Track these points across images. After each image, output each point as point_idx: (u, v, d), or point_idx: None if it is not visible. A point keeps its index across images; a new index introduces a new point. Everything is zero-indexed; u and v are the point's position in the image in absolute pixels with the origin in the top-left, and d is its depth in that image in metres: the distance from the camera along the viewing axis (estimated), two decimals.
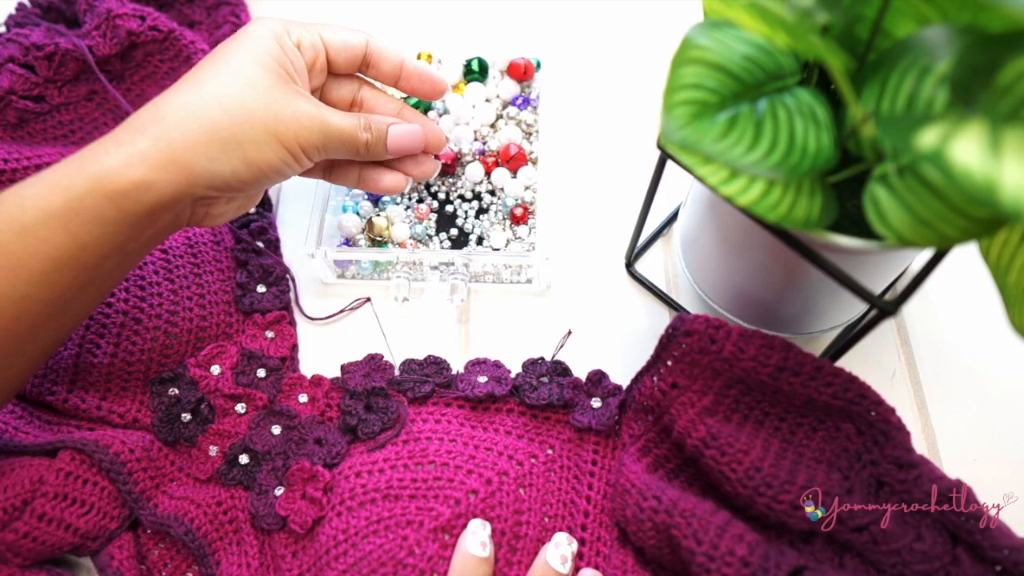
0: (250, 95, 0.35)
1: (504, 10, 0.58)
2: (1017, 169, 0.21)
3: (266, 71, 0.35)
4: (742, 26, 0.28)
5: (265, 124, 0.35)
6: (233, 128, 0.34)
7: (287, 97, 0.36)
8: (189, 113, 0.34)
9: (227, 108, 0.34)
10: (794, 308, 0.40)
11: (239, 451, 0.40)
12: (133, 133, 0.33)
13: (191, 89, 0.35)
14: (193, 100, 0.34)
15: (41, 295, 0.32)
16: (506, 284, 0.47)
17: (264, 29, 0.37)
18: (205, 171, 0.33)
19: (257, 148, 0.35)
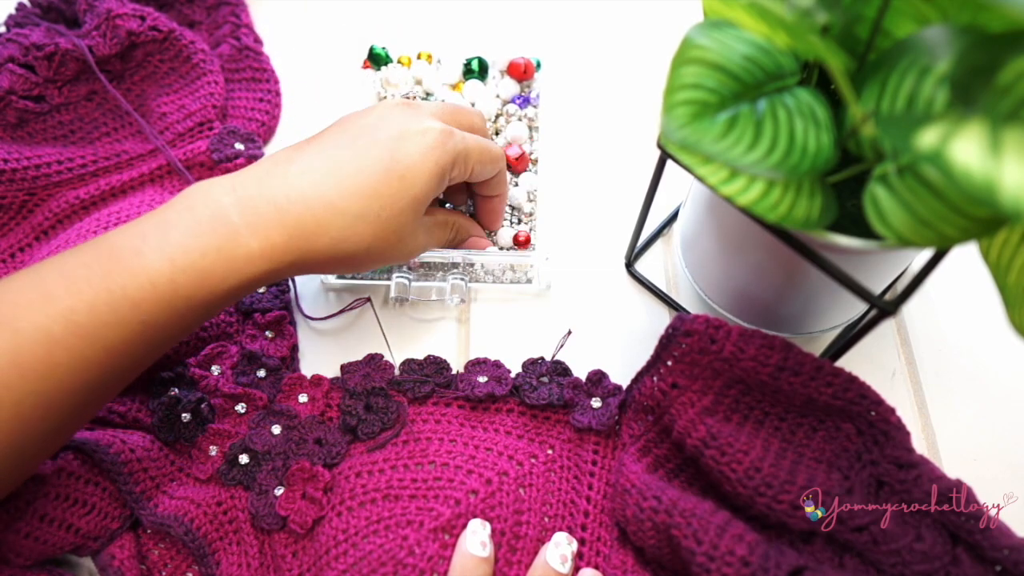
0: (385, 242, 0.37)
1: (504, 10, 0.58)
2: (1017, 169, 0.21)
3: (412, 216, 0.37)
4: (742, 26, 0.28)
5: (378, 256, 0.37)
6: (354, 254, 0.36)
7: (409, 238, 0.38)
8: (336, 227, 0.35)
9: (365, 244, 0.36)
10: (794, 308, 0.40)
11: (239, 451, 0.40)
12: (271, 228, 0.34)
13: (348, 203, 0.35)
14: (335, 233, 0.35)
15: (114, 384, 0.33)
16: (506, 284, 0.47)
17: (434, 167, 0.37)
18: (309, 256, 0.35)
19: (414, 245, 0.39)
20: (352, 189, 0.34)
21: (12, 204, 0.48)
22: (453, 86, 0.53)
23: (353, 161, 0.35)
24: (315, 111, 0.54)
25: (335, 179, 0.34)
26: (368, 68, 0.53)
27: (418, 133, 0.36)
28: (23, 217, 0.49)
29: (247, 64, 0.54)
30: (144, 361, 0.33)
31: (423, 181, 0.36)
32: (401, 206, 0.36)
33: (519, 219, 0.48)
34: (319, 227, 0.34)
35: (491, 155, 0.41)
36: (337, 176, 0.35)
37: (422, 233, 0.39)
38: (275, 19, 0.58)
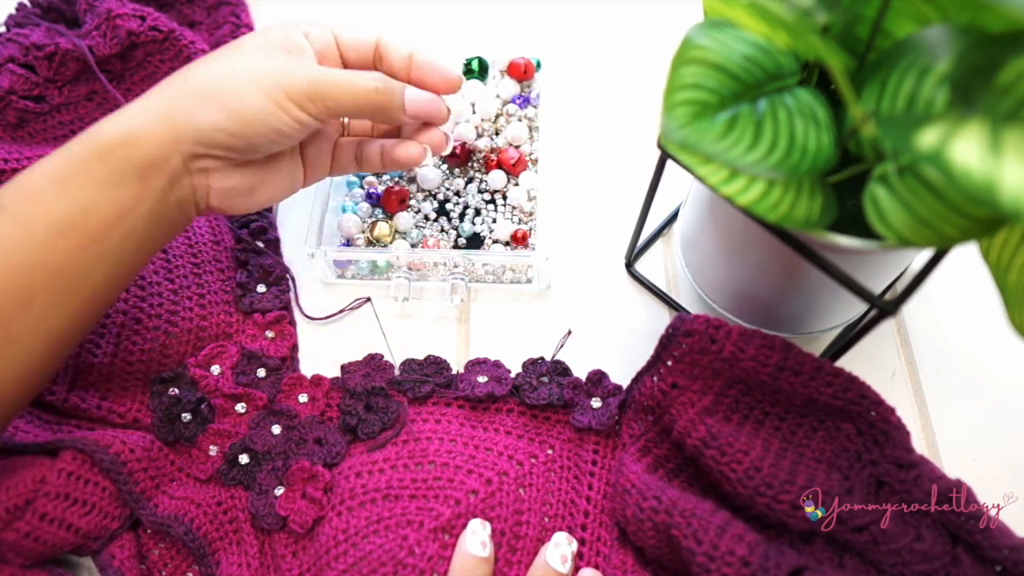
0: (241, 59, 0.35)
1: (504, 10, 0.58)
2: (1017, 169, 0.21)
3: (266, 45, 0.36)
4: (742, 26, 0.28)
5: (248, 75, 0.35)
6: (216, 82, 0.34)
7: (279, 57, 0.36)
8: (181, 78, 0.35)
9: (215, 68, 0.35)
10: (794, 308, 0.40)
11: (239, 451, 0.40)
12: (132, 103, 0.34)
13: (191, 65, 0.36)
14: (188, 70, 0.36)
15: (50, 263, 0.32)
16: (506, 284, 0.47)
17: (274, 26, 0.37)
18: (186, 122, 0.34)
19: (236, 97, 0.34)
20: (203, 63, 0.37)
21: None
22: None
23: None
24: None
25: (191, 66, 0.37)
26: None
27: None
28: None
29: None
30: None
31: (263, 28, 0.38)
32: (252, 47, 0.37)
33: (519, 219, 0.48)
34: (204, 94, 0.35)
35: (354, 27, 0.40)
36: (194, 64, 0.37)
37: (296, 59, 0.37)
38: (275, 19, 0.58)
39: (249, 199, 0.38)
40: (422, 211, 0.48)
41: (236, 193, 0.37)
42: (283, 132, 0.36)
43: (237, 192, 0.37)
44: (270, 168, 0.38)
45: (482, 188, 0.49)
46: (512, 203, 0.48)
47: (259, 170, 0.38)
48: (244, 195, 0.38)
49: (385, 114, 0.38)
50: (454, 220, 0.48)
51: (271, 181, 0.39)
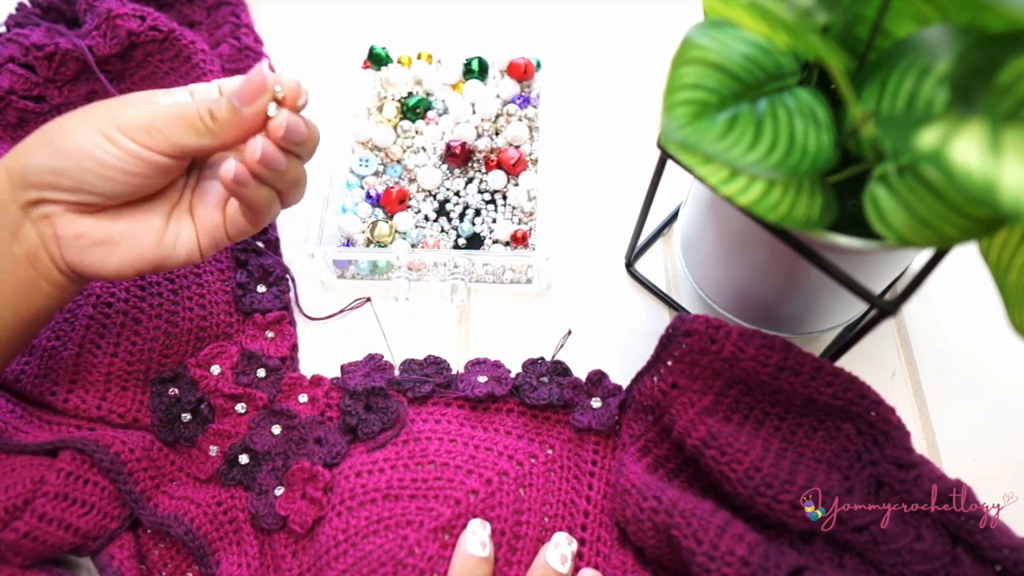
0: (91, 105, 0.33)
1: (504, 10, 0.58)
2: (1017, 169, 0.21)
3: (134, 96, 0.34)
4: (742, 26, 0.28)
5: (84, 113, 0.33)
6: (55, 124, 0.33)
7: (126, 97, 0.33)
8: (36, 130, 0.33)
9: (67, 115, 0.33)
10: (794, 308, 0.40)
11: (239, 451, 0.40)
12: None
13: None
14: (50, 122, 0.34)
15: None
16: (506, 284, 0.47)
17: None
18: (17, 165, 0.32)
19: (65, 133, 0.32)
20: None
21: None
22: (453, 86, 0.53)
23: None
24: (315, 111, 0.54)
25: None
26: (368, 68, 0.53)
27: None
28: None
29: (247, 64, 0.54)
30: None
31: None
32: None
33: (519, 219, 0.48)
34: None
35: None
36: None
37: (132, 96, 0.34)
38: (275, 19, 0.58)
39: (108, 253, 0.34)
40: (422, 211, 0.48)
41: (88, 243, 0.33)
42: (119, 167, 0.32)
43: (89, 242, 0.33)
44: (134, 219, 0.34)
45: (482, 188, 0.49)
46: (512, 203, 0.48)
47: (117, 220, 0.34)
48: (99, 247, 0.34)
49: (221, 127, 0.33)
50: (454, 220, 0.48)
51: (137, 236, 0.34)
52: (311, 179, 0.52)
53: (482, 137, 0.50)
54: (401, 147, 0.50)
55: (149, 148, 0.32)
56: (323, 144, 0.53)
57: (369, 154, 0.50)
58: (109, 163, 0.32)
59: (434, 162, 0.50)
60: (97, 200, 0.33)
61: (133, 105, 0.33)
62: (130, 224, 0.34)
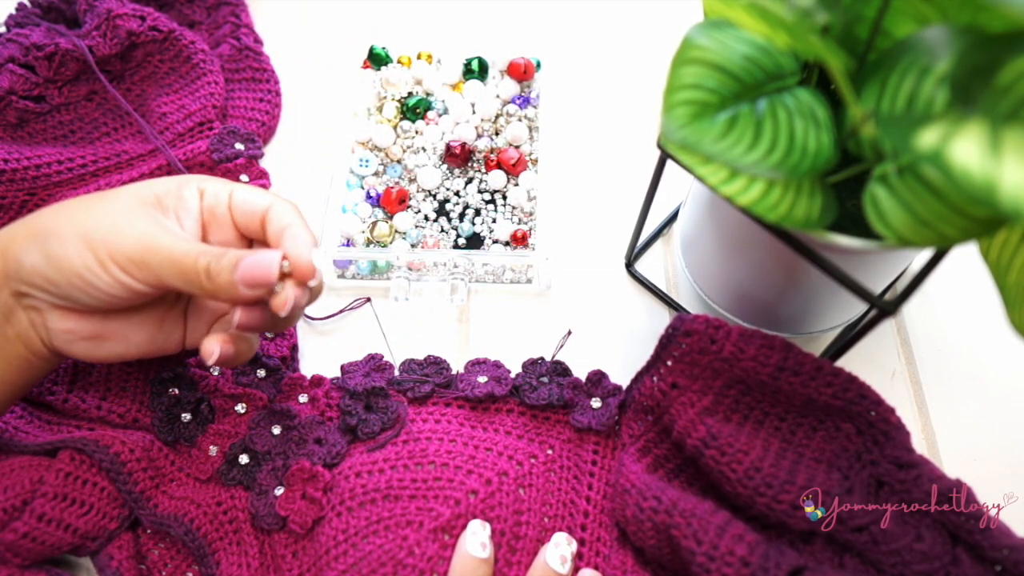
0: (102, 206, 0.33)
1: (504, 10, 0.58)
2: (1017, 169, 0.21)
3: (134, 198, 0.33)
4: (742, 26, 0.28)
5: (80, 226, 0.32)
6: (56, 224, 0.33)
7: (128, 215, 0.33)
8: (37, 213, 0.34)
9: (69, 210, 0.33)
10: (794, 308, 0.40)
11: (239, 451, 0.40)
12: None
13: (61, 203, 0.34)
14: (52, 207, 0.34)
15: None
16: (506, 284, 0.47)
17: (175, 177, 0.35)
18: (14, 258, 0.32)
19: (60, 244, 0.32)
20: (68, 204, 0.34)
21: (12, 204, 0.48)
22: (453, 86, 0.53)
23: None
24: (315, 111, 0.54)
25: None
26: (368, 68, 0.53)
27: None
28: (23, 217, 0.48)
29: (247, 64, 0.54)
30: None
31: (160, 179, 0.36)
32: (116, 194, 0.34)
33: (519, 219, 0.48)
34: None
35: (256, 192, 0.36)
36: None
37: (144, 221, 0.33)
38: (275, 19, 0.58)
39: (96, 348, 0.35)
40: (422, 211, 0.48)
41: (76, 338, 0.34)
42: (107, 291, 0.32)
43: (77, 337, 0.34)
44: (125, 321, 0.35)
45: (482, 188, 0.49)
46: (512, 203, 0.48)
47: (107, 321, 0.34)
48: (87, 342, 0.34)
49: (216, 290, 0.32)
50: (454, 220, 0.48)
51: (125, 335, 0.35)
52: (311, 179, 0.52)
53: (482, 137, 0.50)
54: (401, 147, 0.50)
55: (139, 280, 0.32)
56: (323, 144, 0.53)
57: (369, 154, 0.50)
58: (97, 286, 0.32)
59: (434, 162, 0.50)
60: (85, 307, 0.34)
61: (130, 230, 0.32)
62: (121, 324, 0.35)
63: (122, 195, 0.34)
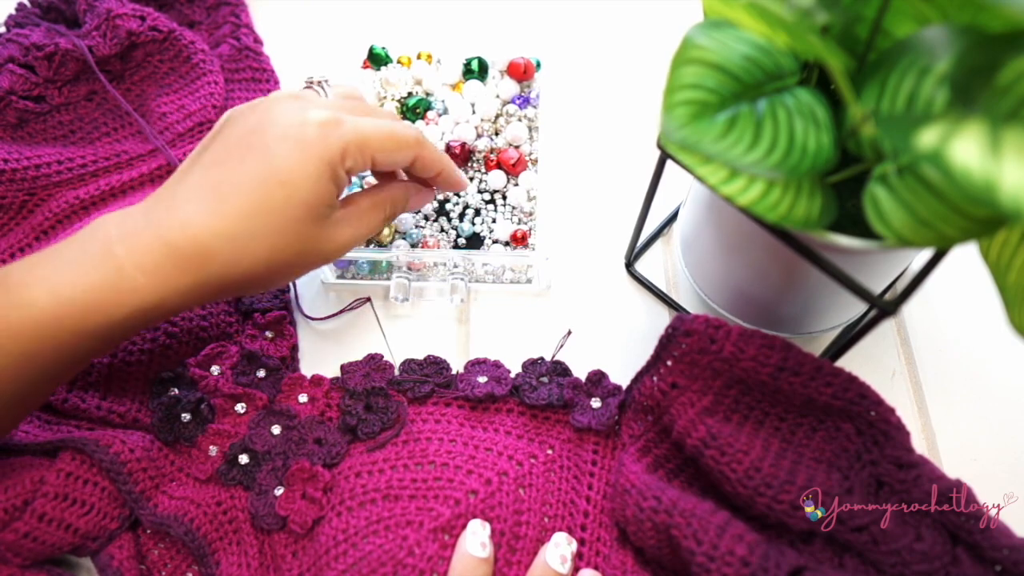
0: (286, 255, 0.34)
1: (504, 10, 0.58)
2: (1016, 169, 0.21)
3: (310, 221, 0.34)
4: (742, 26, 0.28)
5: (291, 270, 0.36)
6: (264, 277, 0.34)
7: (317, 242, 0.35)
8: (224, 257, 0.33)
9: (263, 262, 0.34)
10: (794, 308, 0.40)
11: (239, 451, 0.40)
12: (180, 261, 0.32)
13: (232, 225, 0.33)
14: (231, 249, 0.33)
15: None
16: (506, 284, 0.47)
17: (319, 164, 0.34)
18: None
19: (279, 281, 0.36)
20: (234, 209, 0.32)
21: (12, 204, 0.48)
22: (453, 86, 0.53)
23: (231, 177, 0.33)
24: None
25: (216, 201, 0.32)
26: (368, 68, 0.53)
27: (295, 130, 0.33)
28: (23, 217, 0.49)
29: (247, 64, 0.54)
30: (38, 390, 0.33)
31: (309, 183, 0.33)
32: (291, 214, 0.33)
33: (519, 219, 0.48)
34: (206, 255, 0.32)
35: (395, 139, 0.37)
36: (218, 197, 0.33)
37: (341, 229, 0.36)
38: (275, 19, 0.58)
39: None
40: (422, 211, 0.48)
41: None
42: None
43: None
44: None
45: (482, 188, 0.49)
46: (512, 203, 0.48)
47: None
48: None
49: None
50: (454, 220, 0.48)
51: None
52: None
53: (482, 137, 0.50)
54: None
55: None
56: None
57: None
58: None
59: None
60: None
61: (327, 257, 0.37)
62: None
63: (294, 227, 0.34)
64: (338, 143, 0.34)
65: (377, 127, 0.36)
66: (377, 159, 0.36)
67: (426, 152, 0.39)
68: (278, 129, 0.33)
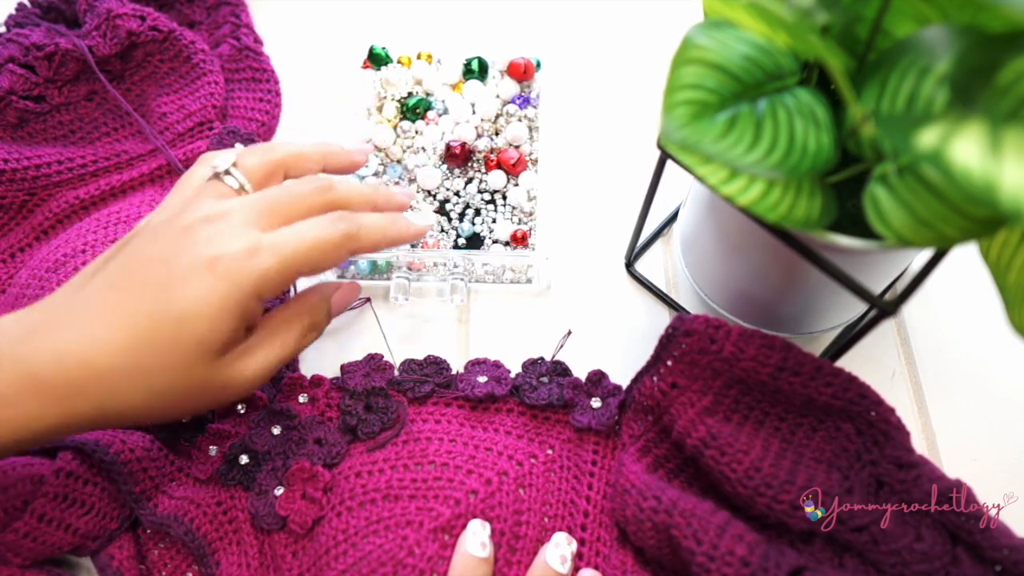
0: (172, 393, 0.32)
1: (504, 10, 0.58)
2: (1016, 169, 0.21)
3: (203, 361, 0.31)
4: (742, 26, 0.28)
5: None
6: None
7: (207, 384, 0.32)
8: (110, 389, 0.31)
9: (142, 401, 0.31)
10: (794, 308, 0.40)
11: (239, 451, 0.40)
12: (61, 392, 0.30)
13: (111, 360, 0.30)
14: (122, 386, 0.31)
15: None
16: (506, 284, 0.47)
17: (224, 303, 0.31)
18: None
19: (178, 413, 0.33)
20: (117, 342, 0.30)
21: (12, 204, 0.48)
22: (453, 86, 0.53)
23: (124, 307, 0.30)
24: (315, 111, 0.54)
25: (101, 328, 0.30)
26: (368, 68, 0.53)
27: (203, 269, 0.30)
28: (23, 217, 0.49)
29: (247, 64, 0.54)
30: None
31: (207, 323, 0.30)
32: (179, 354, 0.30)
33: (519, 219, 0.48)
34: (76, 390, 0.30)
35: (322, 249, 0.33)
36: (104, 324, 0.30)
37: (248, 361, 0.33)
38: (275, 19, 0.58)
39: None
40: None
41: None
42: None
43: None
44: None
45: (482, 188, 0.49)
46: (512, 203, 0.48)
47: None
48: None
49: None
50: (454, 220, 0.48)
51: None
52: None
53: (482, 137, 0.50)
54: (401, 147, 0.50)
55: None
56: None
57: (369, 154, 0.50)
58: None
59: (434, 162, 0.50)
60: None
61: (284, 331, 0.35)
62: None
63: (193, 370, 0.31)
64: (252, 278, 0.31)
65: (300, 241, 0.32)
66: (305, 272, 0.33)
67: (364, 242, 0.35)
68: (184, 264, 0.31)
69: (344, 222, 0.34)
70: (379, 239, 0.36)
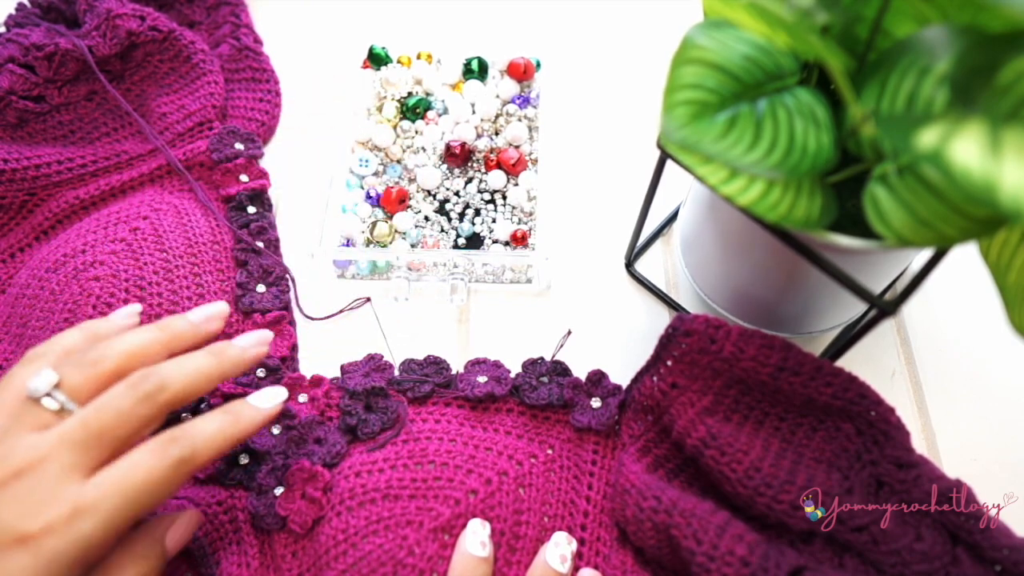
0: None
1: (504, 10, 0.58)
2: (1016, 169, 0.21)
3: None
4: (742, 26, 0.28)
5: None
6: None
7: None
8: None
9: None
10: (794, 308, 0.40)
11: (239, 451, 0.40)
12: None
13: None
14: None
15: None
16: (506, 284, 0.47)
17: (45, 565, 0.27)
18: None
19: None
20: None
21: (12, 204, 0.48)
22: (453, 86, 0.53)
23: None
24: (315, 111, 0.54)
25: None
26: (368, 68, 0.53)
27: (11, 542, 0.27)
28: (23, 217, 0.49)
29: (247, 64, 0.54)
30: None
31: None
32: None
33: (519, 219, 0.48)
34: None
35: (149, 493, 0.29)
36: None
37: None
38: (275, 19, 0.58)
39: None
40: (422, 211, 0.48)
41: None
42: None
43: None
44: None
45: (482, 188, 0.49)
46: (512, 203, 0.48)
47: None
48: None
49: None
50: (454, 220, 0.48)
51: None
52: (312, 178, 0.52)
53: (482, 137, 0.50)
54: (401, 147, 0.50)
55: None
56: (323, 144, 0.53)
57: (369, 154, 0.50)
58: None
59: (434, 162, 0.50)
60: None
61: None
62: None
63: None
64: (73, 551, 0.27)
65: (128, 486, 0.29)
66: (139, 518, 0.30)
67: (202, 459, 0.31)
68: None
69: (176, 445, 0.30)
70: (221, 445, 0.32)
